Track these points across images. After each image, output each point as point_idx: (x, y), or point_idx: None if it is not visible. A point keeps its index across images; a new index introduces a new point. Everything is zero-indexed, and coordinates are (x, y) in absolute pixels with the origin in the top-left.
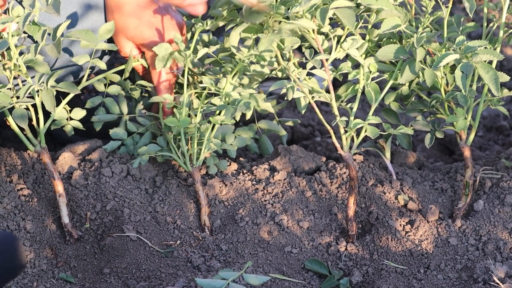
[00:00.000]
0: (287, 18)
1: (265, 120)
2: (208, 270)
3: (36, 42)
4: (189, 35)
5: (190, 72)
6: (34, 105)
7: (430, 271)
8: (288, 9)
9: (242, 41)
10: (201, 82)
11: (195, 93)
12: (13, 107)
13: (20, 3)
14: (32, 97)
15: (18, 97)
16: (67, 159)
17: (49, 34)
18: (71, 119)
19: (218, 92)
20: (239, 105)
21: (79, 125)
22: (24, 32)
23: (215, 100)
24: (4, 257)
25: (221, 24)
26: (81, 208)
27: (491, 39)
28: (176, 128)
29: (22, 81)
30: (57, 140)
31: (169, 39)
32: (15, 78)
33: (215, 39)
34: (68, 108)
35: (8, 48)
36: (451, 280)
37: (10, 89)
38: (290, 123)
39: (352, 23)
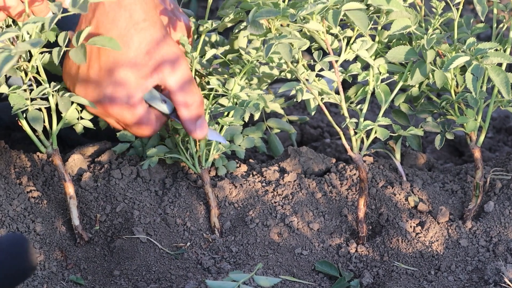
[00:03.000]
0: (295, 21)
1: (274, 118)
2: (218, 272)
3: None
4: (195, 36)
5: (197, 73)
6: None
7: (440, 273)
8: (296, 11)
9: (249, 41)
10: (208, 83)
11: (202, 94)
12: (26, 109)
13: None
14: (46, 99)
15: (32, 99)
16: (76, 161)
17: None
18: (81, 118)
19: (225, 93)
20: (248, 106)
21: (90, 125)
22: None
23: (223, 101)
24: (15, 259)
25: (229, 25)
26: (90, 210)
27: (501, 40)
28: (183, 130)
29: (36, 81)
30: (65, 142)
31: (176, 40)
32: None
33: (222, 39)
34: (79, 108)
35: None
36: (462, 281)
37: (25, 90)
38: (298, 120)
39: (365, 25)
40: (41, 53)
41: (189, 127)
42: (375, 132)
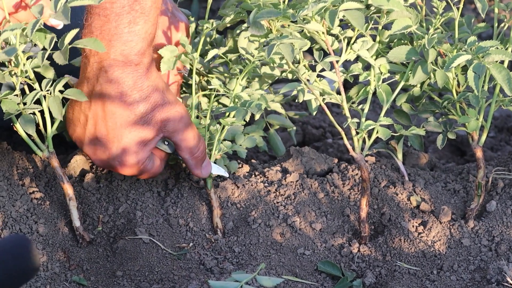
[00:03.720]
0: (295, 21)
1: (274, 115)
2: (221, 272)
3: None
4: (194, 36)
5: (196, 72)
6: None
7: (443, 272)
8: (297, 12)
9: (249, 41)
10: (207, 82)
11: (203, 94)
12: (20, 113)
13: None
14: (39, 103)
15: (25, 103)
16: (79, 162)
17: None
18: None
19: (226, 93)
20: (250, 107)
21: None
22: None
23: (224, 100)
24: (18, 260)
25: (229, 24)
26: (93, 211)
27: (502, 39)
28: None
29: (26, 84)
30: (67, 143)
31: (176, 41)
32: (21, 83)
33: (220, 38)
34: None
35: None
36: (464, 281)
37: (17, 95)
38: (297, 115)
39: (361, 25)
40: (28, 58)
41: (195, 172)
42: (377, 132)
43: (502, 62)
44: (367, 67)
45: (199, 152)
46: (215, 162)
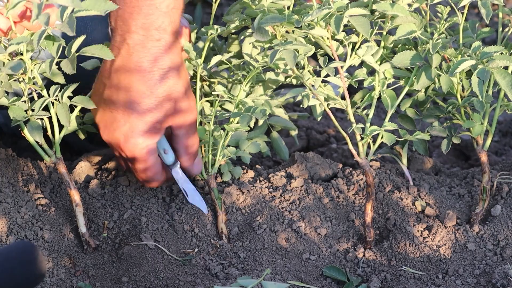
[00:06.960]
0: (299, 27)
1: (276, 117)
2: (226, 277)
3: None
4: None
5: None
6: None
7: (448, 277)
8: (301, 18)
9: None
10: (209, 86)
11: (206, 100)
12: (28, 119)
13: None
14: (47, 109)
15: (33, 110)
16: (84, 168)
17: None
18: (84, 124)
19: (230, 99)
20: (255, 112)
21: (93, 129)
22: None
23: (227, 106)
24: (24, 267)
25: (233, 31)
26: (98, 217)
27: (507, 44)
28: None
29: (36, 92)
30: (73, 148)
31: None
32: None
33: (221, 43)
34: (81, 114)
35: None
36: (470, 285)
37: (24, 101)
38: (298, 117)
39: (367, 31)
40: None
41: (186, 164)
42: (382, 137)
43: (506, 67)
44: (372, 72)
45: (195, 146)
46: (219, 168)
